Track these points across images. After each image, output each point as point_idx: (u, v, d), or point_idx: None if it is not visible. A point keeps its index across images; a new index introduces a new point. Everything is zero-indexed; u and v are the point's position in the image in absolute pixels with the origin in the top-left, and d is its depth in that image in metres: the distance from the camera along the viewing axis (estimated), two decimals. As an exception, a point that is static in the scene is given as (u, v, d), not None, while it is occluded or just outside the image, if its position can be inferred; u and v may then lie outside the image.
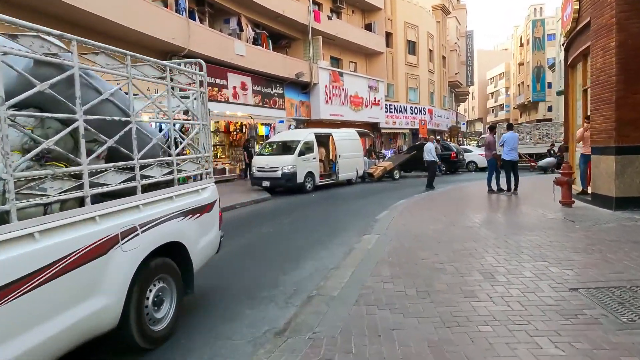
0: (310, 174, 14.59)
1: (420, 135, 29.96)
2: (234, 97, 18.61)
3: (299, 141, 14.49)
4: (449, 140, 36.98)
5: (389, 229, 7.15)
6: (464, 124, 57.95)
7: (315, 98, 24.12)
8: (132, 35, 13.58)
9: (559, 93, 49.19)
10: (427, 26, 36.39)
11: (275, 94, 21.63)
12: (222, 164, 18.21)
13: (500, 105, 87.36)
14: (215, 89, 17.51)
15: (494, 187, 11.29)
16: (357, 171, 17.36)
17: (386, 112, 30.42)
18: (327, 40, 25.66)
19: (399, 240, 6.28)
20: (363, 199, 12.49)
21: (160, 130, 13.14)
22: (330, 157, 16.63)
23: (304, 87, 23.70)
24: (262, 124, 20.46)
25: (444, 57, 42.09)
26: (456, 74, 45.96)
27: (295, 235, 7.49)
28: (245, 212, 10.57)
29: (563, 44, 10.85)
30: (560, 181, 8.18)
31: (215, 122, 18.19)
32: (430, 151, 14.44)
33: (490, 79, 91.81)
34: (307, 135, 14.99)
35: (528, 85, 66.12)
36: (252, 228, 8.31)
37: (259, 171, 14.41)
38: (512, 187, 10.72)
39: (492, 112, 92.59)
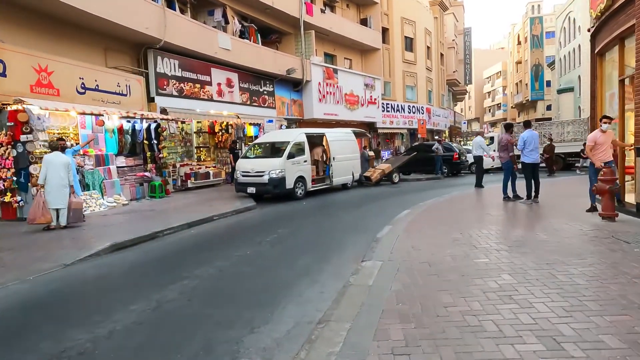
0: (301, 179, 13.09)
1: (419, 136, 28.55)
2: (218, 95, 17.09)
3: (288, 142, 12.99)
4: (448, 140, 35.54)
5: (394, 252, 5.67)
6: (464, 122, 56.75)
7: (308, 96, 22.64)
8: (103, 25, 12.05)
9: (559, 91, 48.06)
10: (424, 22, 35.03)
11: (265, 92, 20.12)
12: (206, 167, 16.66)
13: (498, 104, 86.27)
14: (198, 85, 15.99)
15: (510, 193, 9.86)
16: (353, 175, 15.89)
17: (383, 111, 28.98)
18: (321, 35, 24.19)
19: (409, 271, 4.81)
20: (360, 207, 11.01)
21: (134, 129, 11.41)
22: (324, 160, 15.13)
23: (296, 85, 22.21)
24: (250, 124, 18.93)
25: (441, 55, 40.76)
26: (454, 72, 44.66)
27: (278, 261, 5.99)
28: (223, 225, 9.05)
29: (589, 30, 9.44)
30: (600, 189, 6.74)
31: (198, 122, 16.66)
32: (479, 145, 13.47)
33: (487, 78, 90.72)
34: (297, 135, 13.50)
35: (526, 84, 64.99)
36: (226, 249, 6.81)
37: (243, 176, 12.90)
38: (533, 193, 9.28)
39: (489, 111, 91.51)
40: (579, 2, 41.12)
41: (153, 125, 13.51)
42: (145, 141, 13.54)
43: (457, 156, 20.08)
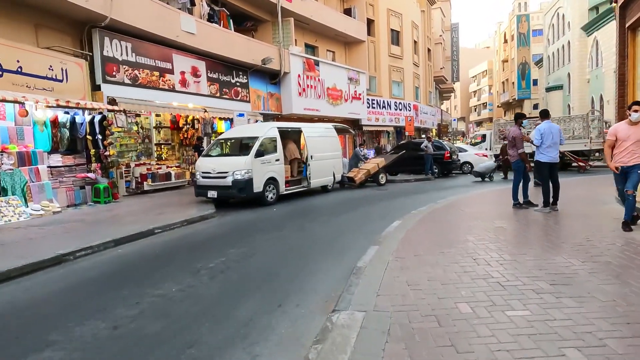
0: (272, 181, 11.18)
1: (407, 133, 26.87)
2: (182, 85, 15.04)
3: (257, 138, 11.06)
4: (437, 138, 33.89)
5: (382, 293, 3.82)
6: (454, 120, 55.48)
7: (287, 89, 20.71)
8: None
9: (548, 89, 47.02)
10: (411, 15, 33.40)
11: (238, 84, 18.12)
12: (167, 167, 14.61)
13: (484, 103, 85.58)
14: (156, 73, 13.92)
15: (521, 199, 8.11)
16: (334, 175, 14.03)
17: (368, 107, 27.21)
18: (301, 24, 22.30)
19: (405, 336, 2.96)
20: (340, 215, 9.14)
21: (74, 122, 9.38)
22: (301, 159, 13.24)
23: (273, 77, 20.25)
24: (221, 119, 16.93)
25: (429, 50, 39.27)
26: (441, 68, 43.23)
27: (208, 309, 4.01)
28: (162, 242, 7.08)
29: (616, 0, 7.77)
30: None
31: (157, 115, 14.60)
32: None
33: (473, 77, 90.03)
34: (268, 130, 11.56)
35: (513, 83, 64.14)
36: (144, 283, 4.85)
37: (204, 177, 10.92)
38: (551, 199, 7.53)
39: (475, 110, 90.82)
40: (569, -3, 40.07)
41: (98, 118, 11.43)
42: (88, 136, 11.46)
43: (448, 155, 18.37)
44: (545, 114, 7.70)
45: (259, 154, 10.77)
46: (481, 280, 4.03)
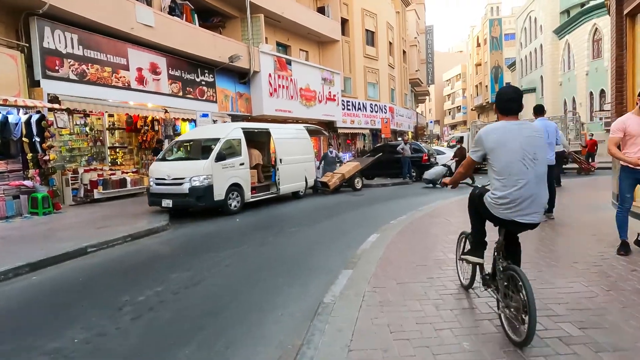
0: (236, 187, 10.03)
1: (383, 136, 26.10)
2: (139, 82, 13.70)
3: (218, 139, 9.89)
4: (413, 140, 33.28)
5: (354, 348, 2.78)
6: (431, 122, 55.34)
7: (257, 89, 19.55)
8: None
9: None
10: (386, 15, 32.78)
11: (203, 82, 16.87)
12: (123, 173, 13.23)
13: (457, 107, 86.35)
14: (108, 69, 12.57)
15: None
16: (306, 180, 12.98)
17: (343, 109, 26.32)
18: (272, 22, 21.23)
19: None
20: (310, 227, 8.07)
21: (6, 122, 7.93)
22: (270, 162, 12.15)
23: (243, 76, 19.07)
24: (184, 120, 15.65)
25: (404, 52, 38.81)
26: (416, 71, 42.85)
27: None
28: (92, 265, 5.84)
29: (611, -15, 7.03)
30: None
31: (111, 116, 13.24)
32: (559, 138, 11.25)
33: (447, 80, 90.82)
34: (231, 131, 10.40)
35: (486, 86, 64.76)
36: (47, 327, 3.67)
37: (157, 184, 9.68)
38: (546, 206, 6.69)
39: (449, 114, 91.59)
40: (540, 1, 40.41)
41: (35, 118, 10.02)
42: (24, 139, 10.03)
43: (426, 158, 17.60)
44: (539, 110, 6.86)
45: (221, 157, 9.61)
46: (487, 324, 3.04)
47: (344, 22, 27.86)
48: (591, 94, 32.36)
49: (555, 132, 6.59)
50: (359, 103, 28.61)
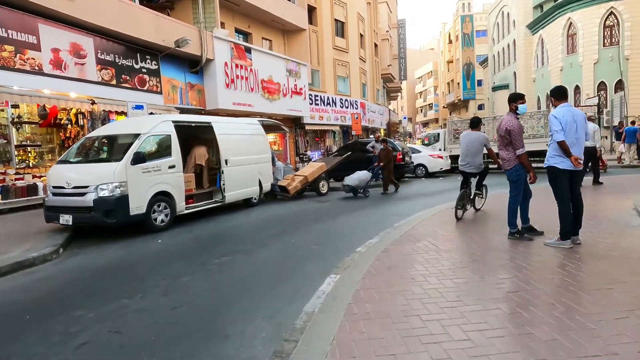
0: (163, 197, 7.83)
1: (353, 133, 24.23)
2: (55, 67, 11.23)
3: (138, 135, 7.65)
4: (386, 137, 31.62)
5: None
6: (405, 118, 54.03)
7: (211, 80, 17.24)
8: None
9: (494, 89, 46.57)
10: (357, 6, 30.97)
11: (144, 70, 14.45)
12: (34, 177, 10.77)
13: (429, 104, 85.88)
14: (9, 47, 10.08)
15: (520, 224, 5.39)
16: (260, 184, 10.88)
17: (311, 104, 24.28)
18: (229, 5, 18.99)
19: None
20: (248, 256, 5.96)
21: None
22: (215, 164, 9.99)
23: (194, 64, 16.71)
24: (119, 114, 13.20)
25: (376, 45, 37.11)
26: (389, 66, 41.28)
27: None
28: None
29: None
30: None
31: (16, 107, 10.73)
32: (595, 132, 10.49)
33: (419, 78, 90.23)
34: (156, 125, 8.15)
35: (458, 83, 64.18)
36: None
37: (55, 195, 7.38)
38: (566, 226, 4.83)
39: (421, 111, 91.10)
40: (514, -5, 39.52)
41: None
42: None
43: (400, 157, 15.77)
44: (560, 93, 4.97)
45: (139, 159, 7.37)
46: None
47: (311, 10, 25.83)
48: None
49: (584, 122, 4.76)
50: (328, 98, 26.63)
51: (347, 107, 28.17)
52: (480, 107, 58.08)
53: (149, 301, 4.11)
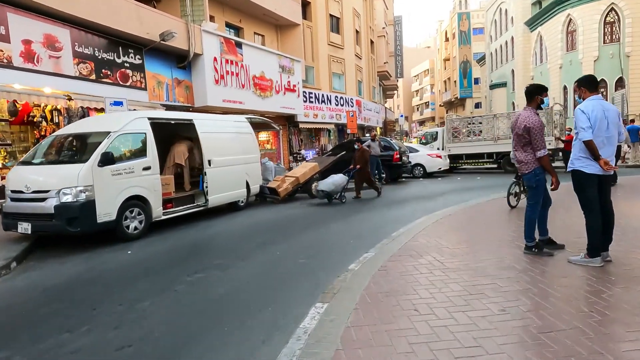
0: (137, 202, 7.06)
1: (349, 131, 23.49)
2: (26, 60, 10.40)
3: (108, 134, 6.88)
4: (382, 136, 30.92)
5: None
6: (402, 116, 53.34)
7: (199, 76, 16.43)
8: None
9: (492, 86, 45.90)
10: (352, 1, 30.18)
11: (127, 64, 13.62)
12: (3, 179, 9.95)
13: (426, 103, 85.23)
14: (-27, 38, 9.27)
15: (538, 236, 4.68)
16: (248, 187, 10.12)
17: (305, 101, 23.47)
18: (219, -2, 18.18)
19: None
20: (225, 272, 5.21)
21: None
22: (198, 165, 9.21)
23: (181, 59, 15.89)
24: (99, 110, 12.38)
25: (372, 42, 36.34)
26: (385, 63, 40.53)
27: None
28: None
29: None
30: None
31: (-19, 103, 9.92)
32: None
33: (415, 76, 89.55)
34: (129, 122, 7.37)
35: (455, 81, 63.57)
36: None
37: (13, 199, 6.59)
38: (595, 240, 4.12)
39: (418, 110, 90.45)
40: (512, -8, 38.88)
41: None
42: None
43: (397, 156, 15.06)
44: (592, 83, 4.18)
45: (108, 160, 6.59)
46: None
47: (305, 4, 25.01)
48: (565, 88, 30.90)
49: (618, 117, 4.04)
50: (323, 95, 25.85)
51: (342, 105, 27.42)
52: (477, 105, 57.53)
53: (93, 336, 3.36)
